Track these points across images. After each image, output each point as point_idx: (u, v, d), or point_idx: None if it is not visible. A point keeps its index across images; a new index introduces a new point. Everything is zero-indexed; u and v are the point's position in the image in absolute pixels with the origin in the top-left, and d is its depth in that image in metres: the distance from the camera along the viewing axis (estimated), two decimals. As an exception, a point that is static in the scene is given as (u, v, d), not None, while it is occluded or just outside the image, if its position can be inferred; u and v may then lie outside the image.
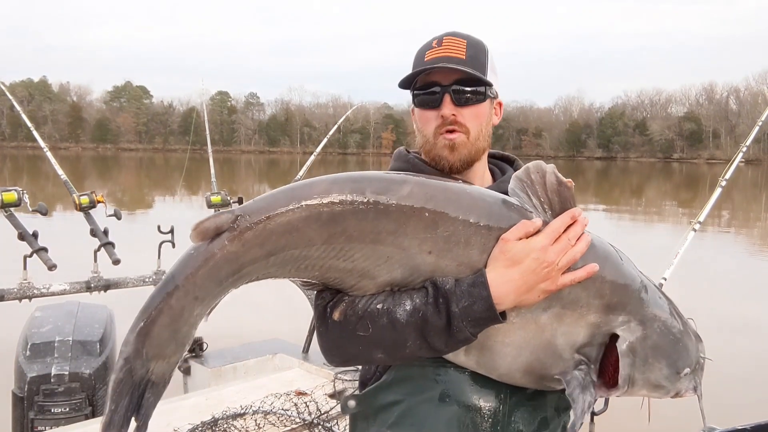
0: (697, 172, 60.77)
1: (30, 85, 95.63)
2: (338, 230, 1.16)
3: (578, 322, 1.22)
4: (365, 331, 1.22)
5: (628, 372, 1.24)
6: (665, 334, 1.28)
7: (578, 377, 1.23)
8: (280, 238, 1.15)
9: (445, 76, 1.44)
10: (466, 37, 1.49)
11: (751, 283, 10.76)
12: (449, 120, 1.43)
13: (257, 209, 1.15)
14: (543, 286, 1.17)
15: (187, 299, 1.14)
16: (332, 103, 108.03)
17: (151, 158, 74.06)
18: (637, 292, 1.26)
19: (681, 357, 1.29)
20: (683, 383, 1.31)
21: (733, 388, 5.27)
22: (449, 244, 1.19)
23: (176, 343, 1.16)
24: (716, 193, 3.15)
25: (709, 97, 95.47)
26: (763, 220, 22.57)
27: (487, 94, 1.47)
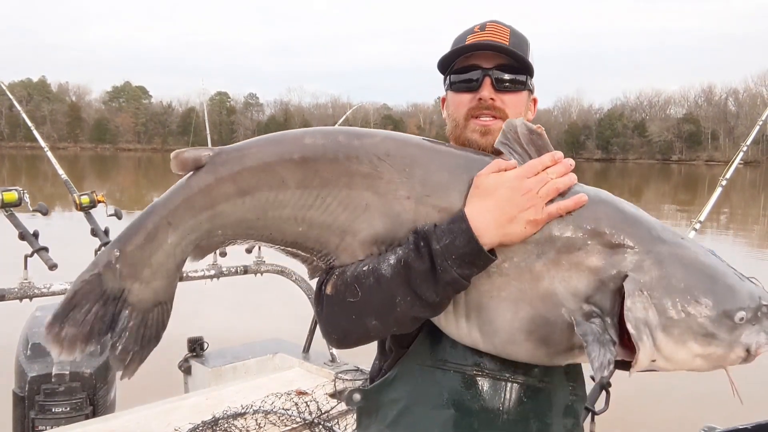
0: (695, 173, 60.82)
1: (29, 85, 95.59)
2: (311, 172, 1.17)
3: (578, 267, 1.12)
4: (354, 296, 1.17)
5: (641, 316, 1.08)
6: (696, 271, 1.10)
7: (594, 330, 1.10)
8: (253, 175, 1.16)
9: (487, 59, 1.38)
10: (510, 26, 1.44)
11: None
12: (486, 103, 1.37)
13: (234, 147, 1.20)
14: (526, 216, 1.11)
15: (162, 223, 1.17)
16: (331, 103, 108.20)
17: (150, 158, 73.96)
18: (648, 230, 1.13)
19: (727, 297, 1.09)
20: (747, 334, 1.09)
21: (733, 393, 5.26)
22: (426, 188, 1.17)
23: (151, 268, 1.18)
24: (716, 192, 3.16)
25: (708, 98, 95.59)
26: (762, 222, 22.57)
27: (527, 84, 1.42)
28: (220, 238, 1.22)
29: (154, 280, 1.19)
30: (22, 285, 3.33)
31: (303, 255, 1.25)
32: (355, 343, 1.25)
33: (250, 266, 4.09)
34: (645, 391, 4.31)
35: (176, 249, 1.19)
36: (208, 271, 3.98)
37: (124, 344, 1.18)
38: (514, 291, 1.14)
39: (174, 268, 1.21)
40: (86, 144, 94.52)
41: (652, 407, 4.15)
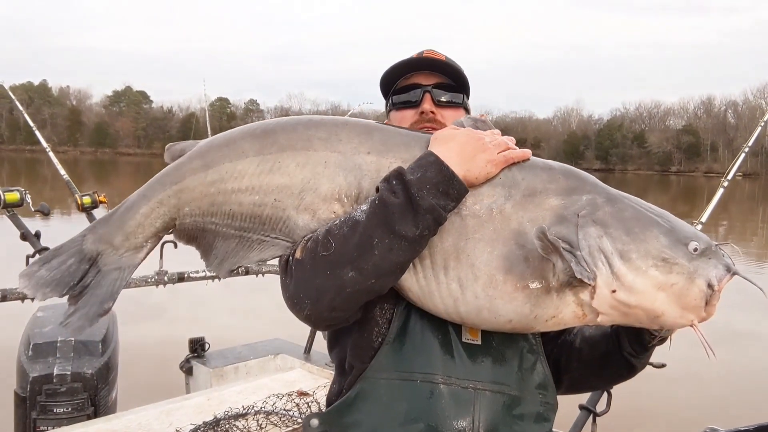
0: (694, 184, 60.86)
1: (30, 89, 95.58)
2: (269, 141, 1.25)
3: (541, 206, 1.21)
4: (328, 249, 1.14)
5: (595, 244, 1.14)
6: (644, 209, 1.21)
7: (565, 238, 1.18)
8: (218, 150, 1.27)
9: (426, 78, 1.50)
10: (445, 54, 1.55)
11: (751, 296, 10.76)
12: (428, 117, 1.47)
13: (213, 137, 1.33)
14: (484, 156, 1.20)
15: (138, 195, 1.30)
16: (331, 110, 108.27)
17: (150, 163, 73.90)
18: (595, 179, 1.27)
19: (678, 228, 1.18)
20: (705, 266, 1.15)
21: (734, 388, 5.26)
22: (387, 145, 1.24)
23: (123, 235, 1.29)
24: (718, 193, 3.19)
25: (708, 110, 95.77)
26: (760, 234, 22.59)
27: (464, 102, 1.54)
28: (189, 219, 1.29)
29: (122, 247, 1.29)
30: (23, 285, 3.34)
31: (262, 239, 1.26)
32: (328, 305, 1.17)
33: (251, 267, 4.10)
34: (647, 393, 4.30)
35: (146, 220, 1.29)
36: (210, 272, 3.99)
37: (76, 299, 1.28)
38: (488, 232, 1.20)
39: (142, 240, 1.31)
40: (86, 148, 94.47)
41: (653, 409, 4.15)
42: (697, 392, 3.98)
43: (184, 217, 1.29)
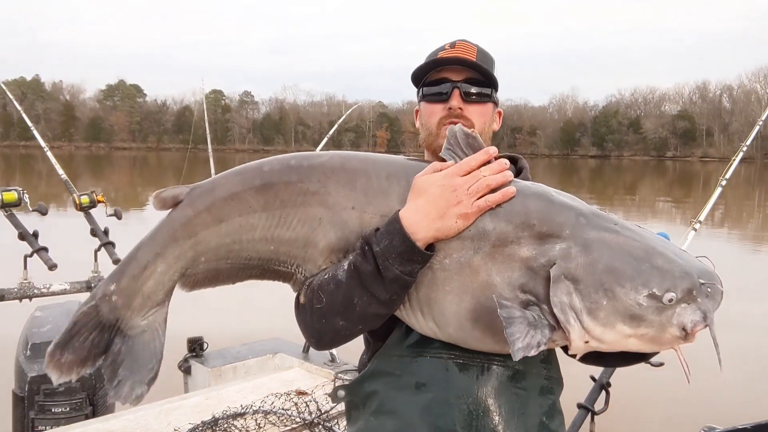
0: (690, 170, 61.03)
1: (22, 84, 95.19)
2: (271, 196, 1.30)
3: (511, 258, 1.18)
4: (320, 302, 1.29)
5: (566, 301, 1.13)
6: (623, 255, 1.13)
7: (528, 316, 1.15)
8: (225, 204, 1.30)
9: (456, 73, 1.51)
10: (477, 44, 1.57)
11: (746, 280, 10.83)
12: (456, 112, 1.49)
13: (206, 182, 1.35)
14: (456, 210, 1.19)
15: (151, 255, 1.29)
16: (327, 101, 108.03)
17: (145, 157, 73.82)
18: (577, 216, 1.18)
19: (653, 278, 1.11)
20: (680, 313, 1.11)
21: (732, 387, 5.30)
22: (368, 197, 1.28)
23: (143, 297, 1.30)
24: (716, 192, 3.18)
25: (703, 95, 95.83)
26: (757, 218, 22.67)
27: (492, 97, 1.55)
28: (203, 266, 1.34)
29: (143, 308, 1.30)
30: (21, 285, 3.34)
31: (280, 271, 1.37)
32: (329, 342, 1.36)
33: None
34: (645, 392, 4.31)
35: (164, 277, 1.31)
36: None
37: (115, 370, 1.29)
38: (457, 285, 1.22)
39: (163, 296, 1.33)
40: (81, 143, 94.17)
41: (652, 407, 4.17)
42: (696, 391, 3.99)
43: (199, 265, 1.34)
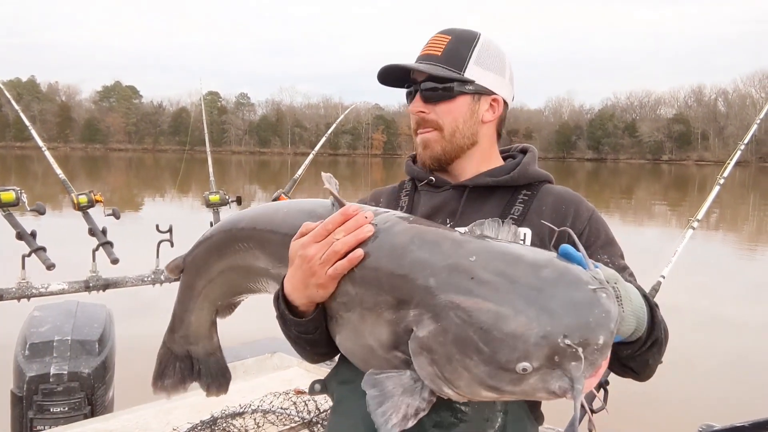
0: (686, 173, 61.19)
1: (18, 85, 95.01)
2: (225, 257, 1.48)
3: (378, 321, 1.10)
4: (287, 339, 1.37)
5: (427, 372, 1.02)
6: (470, 322, 0.97)
7: (404, 381, 1.07)
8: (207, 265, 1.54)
9: (420, 74, 1.46)
10: (452, 32, 1.47)
11: (742, 283, 10.88)
12: (418, 117, 1.47)
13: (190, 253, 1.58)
14: (313, 281, 1.15)
15: (182, 310, 1.63)
16: (323, 103, 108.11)
17: (141, 158, 73.74)
18: (426, 279, 1.04)
19: (501, 349, 0.94)
20: (540, 380, 0.95)
21: (730, 385, 5.31)
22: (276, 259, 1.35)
23: (194, 336, 1.64)
24: (714, 191, 3.20)
25: (698, 99, 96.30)
26: (751, 221, 22.75)
27: (459, 90, 1.43)
28: (223, 302, 1.61)
29: (199, 341, 1.65)
30: (20, 285, 3.34)
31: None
32: (311, 361, 1.45)
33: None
34: (643, 390, 4.30)
35: (200, 319, 1.62)
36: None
37: (204, 381, 1.68)
38: (346, 340, 1.22)
39: (208, 331, 1.65)
40: (76, 144, 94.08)
41: (649, 406, 4.18)
42: (694, 389, 3.99)
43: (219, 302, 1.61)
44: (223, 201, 4.18)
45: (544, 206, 1.45)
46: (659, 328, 1.19)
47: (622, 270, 1.36)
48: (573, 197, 1.49)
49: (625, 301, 1.05)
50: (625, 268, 1.38)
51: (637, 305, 1.09)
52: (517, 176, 1.48)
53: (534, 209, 1.44)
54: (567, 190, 1.53)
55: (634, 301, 1.08)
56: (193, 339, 1.64)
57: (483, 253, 1.03)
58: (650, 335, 1.16)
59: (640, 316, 1.10)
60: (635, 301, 1.09)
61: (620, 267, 1.37)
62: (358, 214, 1.14)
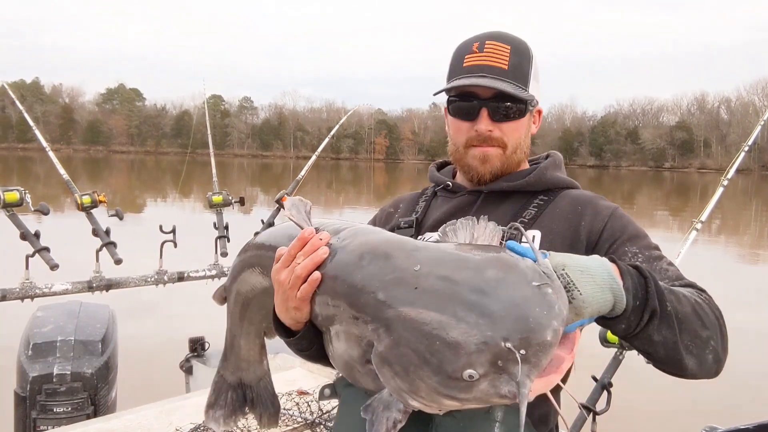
0: (688, 180, 61.16)
1: (22, 86, 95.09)
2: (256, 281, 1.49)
3: (348, 337, 1.11)
4: None
5: (392, 386, 1.02)
6: (417, 333, 0.96)
7: (383, 397, 1.07)
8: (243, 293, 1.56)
9: (485, 88, 1.38)
10: (511, 41, 1.41)
11: (744, 288, 10.88)
12: (484, 135, 1.40)
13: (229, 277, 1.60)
14: (290, 305, 1.18)
15: (231, 336, 1.65)
16: (326, 107, 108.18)
17: (143, 161, 73.82)
18: (376, 294, 1.03)
19: (445, 358, 0.93)
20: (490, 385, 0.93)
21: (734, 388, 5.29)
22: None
23: (245, 361, 1.67)
24: (718, 192, 3.20)
25: (701, 106, 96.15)
26: (753, 228, 22.74)
27: (527, 108, 1.42)
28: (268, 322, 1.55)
29: (250, 367, 1.67)
30: (23, 285, 3.34)
31: None
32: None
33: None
34: (647, 392, 4.31)
35: (249, 343, 1.64)
36: (210, 272, 4.00)
37: (257, 410, 1.69)
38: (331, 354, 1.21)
39: (258, 356, 1.67)
40: (79, 146, 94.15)
41: (653, 407, 4.18)
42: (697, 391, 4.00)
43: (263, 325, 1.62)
44: (227, 202, 4.19)
45: (559, 209, 1.42)
46: (655, 298, 1.06)
47: (657, 260, 1.32)
48: (591, 197, 1.46)
49: (584, 280, 1.00)
50: (660, 258, 1.33)
51: (605, 278, 1.02)
52: (533, 181, 1.46)
53: (548, 213, 1.42)
54: (588, 192, 1.50)
55: (598, 275, 1.01)
56: (244, 364, 1.67)
57: (428, 261, 1.02)
58: (644, 308, 1.06)
59: (612, 285, 1.02)
60: (599, 275, 1.02)
61: (654, 257, 1.33)
62: (313, 238, 1.15)
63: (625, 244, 1.34)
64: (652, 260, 1.31)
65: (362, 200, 27.84)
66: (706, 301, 1.19)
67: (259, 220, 4.18)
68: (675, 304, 1.10)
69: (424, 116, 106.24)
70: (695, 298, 1.16)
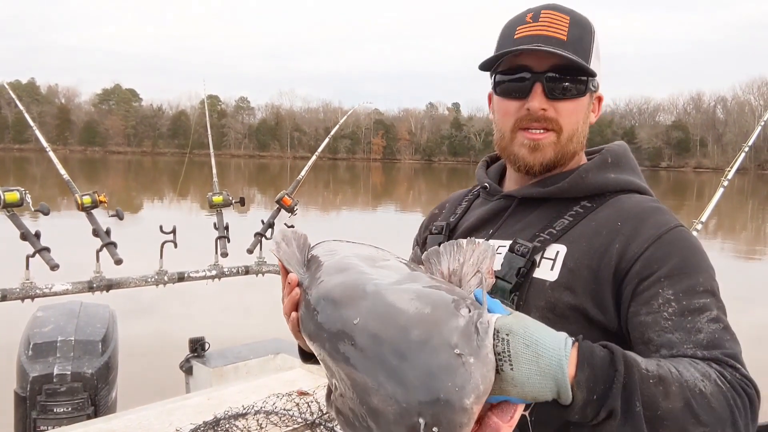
0: (684, 179, 61.29)
1: (18, 87, 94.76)
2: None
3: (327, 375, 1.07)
4: None
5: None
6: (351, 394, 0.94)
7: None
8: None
9: (539, 59, 1.19)
10: (570, 12, 1.23)
11: (740, 288, 10.90)
12: (537, 115, 1.20)
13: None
14: (291, 331, 1.14)
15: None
16: (323, 107, 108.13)
17: (140, 161, 73.71)
18: (323, 345, 0.99)
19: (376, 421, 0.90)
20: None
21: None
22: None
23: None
24: (718, 192, 3.22)
25: (697, 106, 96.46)
26: (749, 228, 22.79)
27: (588, 87, 1.24)
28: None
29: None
30: (23, 285, 3.34)
31: None
32: None
33: (251, 267, 4.12)
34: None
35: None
36: (210, 272, 4.00)
37: None
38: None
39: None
40: (75, 146, 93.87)
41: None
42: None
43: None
44: (227, 202, 4.19)
45: (596, 221, 1.18)
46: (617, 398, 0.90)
47: (696, 313, 1.04)
48: (641, 210, 1.18)
49: (525, 356, 0.87)
50: (702, 310, 1.04)
51: (552, 364, 0.87)
52: (568, 186, 1.24)
53: (583, 224, 1.19)
54: (644, 201, 1.23)
55: (545, 357, 0.87)
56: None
57: (367, 313, 0.95)
58: (601, 405, 0.90)
59: (557, 376, 0.87)
60: (547, 357, 0.87)
61: (692, 309, 1.04)
62: (288, 277, 1.12)
63: (659, 284, 1.07)
64: (687, 313, 1.04)
65: (359, 200, 27.85)
66: (724, 387, 0.96)
67: (258, 220, 4.20)
68: (657, 400, 0.92)
69: (421, 116, 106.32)
70: (701, 388, 0.94)
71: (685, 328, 1.03)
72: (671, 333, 1.03)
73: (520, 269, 1.16)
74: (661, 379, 0.93)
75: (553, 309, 1.13)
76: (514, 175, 1.35)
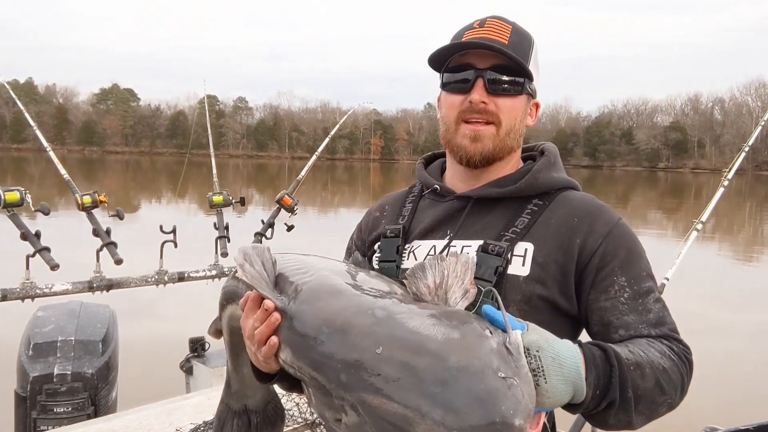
0: (682, 180, 61.38)
1: (15, 87, 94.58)
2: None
3: (317, 400, 1.05)
4: None
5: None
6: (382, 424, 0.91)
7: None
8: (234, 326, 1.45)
9: (482, 59, 1.31)
10: (513, 23, 1.37)
11: (738, 290, 10.93)
12: (478, 107, 1.30)
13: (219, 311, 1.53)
14: (259, 358, 1.12)
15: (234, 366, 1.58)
16: (321, 108, 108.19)
17: (138, 161, 73.64)
18: (338, 376, 0.96)
19: None
20: None
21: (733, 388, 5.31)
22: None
23: (250, 388, 1.58)
24: (718, 192, 3.22)
25: (695, 107, 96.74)
26: (747, 229, 22.83)
27: (525, 88, 1.34)
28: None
29: (256, 392, 1.60)
30: (24, 285, 3.34)
31: None
32: None
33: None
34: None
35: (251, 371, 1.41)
36: (210, 272, 4.00)
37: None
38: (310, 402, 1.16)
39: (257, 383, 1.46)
40: (73, 146, 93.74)
41: None
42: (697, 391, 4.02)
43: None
44: (227, 202, 4.19)
45: (554, 219, 1.31)
46: (617, 389, 1.05)
47: (644, 295, 1.25)
48: (590, 209, 1.33)
49: (553, 369, 0.96)
50: (648, 292, 1.25)
51: (572, 371, 0.98)
52: (524, 186, 1.35)
53: (542, 222, 1.30)
54: (587, 199, 1.37)
55: (567, 366, 0.97)
56: (250, 392, 1.61)
57: (389, 341, 0.94)
58: (603, 397, 1.05)
59: (576, 381, 0.98)
60: (568, 366, 0.98)
61: (641, 292, 1.25)
62: (264, 303, 1.08)
63: (615, 273, 1.25)
64: (638, 296, 1.24)
65: (357, 201, 27.84)
66: (675, 360, 1.17)
67: (257, 220, 4.20)
68: (638, 382, 1.09)
69: (419, 116, 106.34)
70: (663, 365, 1.13)
71: (638, 310, 1.23)
72: (627, 315, 1.22)
73: (498, 268, 1.25)
74: (637, 364, 1.09)
75: (528, 301, 1.25)
76: (458, 173, 1.43)
